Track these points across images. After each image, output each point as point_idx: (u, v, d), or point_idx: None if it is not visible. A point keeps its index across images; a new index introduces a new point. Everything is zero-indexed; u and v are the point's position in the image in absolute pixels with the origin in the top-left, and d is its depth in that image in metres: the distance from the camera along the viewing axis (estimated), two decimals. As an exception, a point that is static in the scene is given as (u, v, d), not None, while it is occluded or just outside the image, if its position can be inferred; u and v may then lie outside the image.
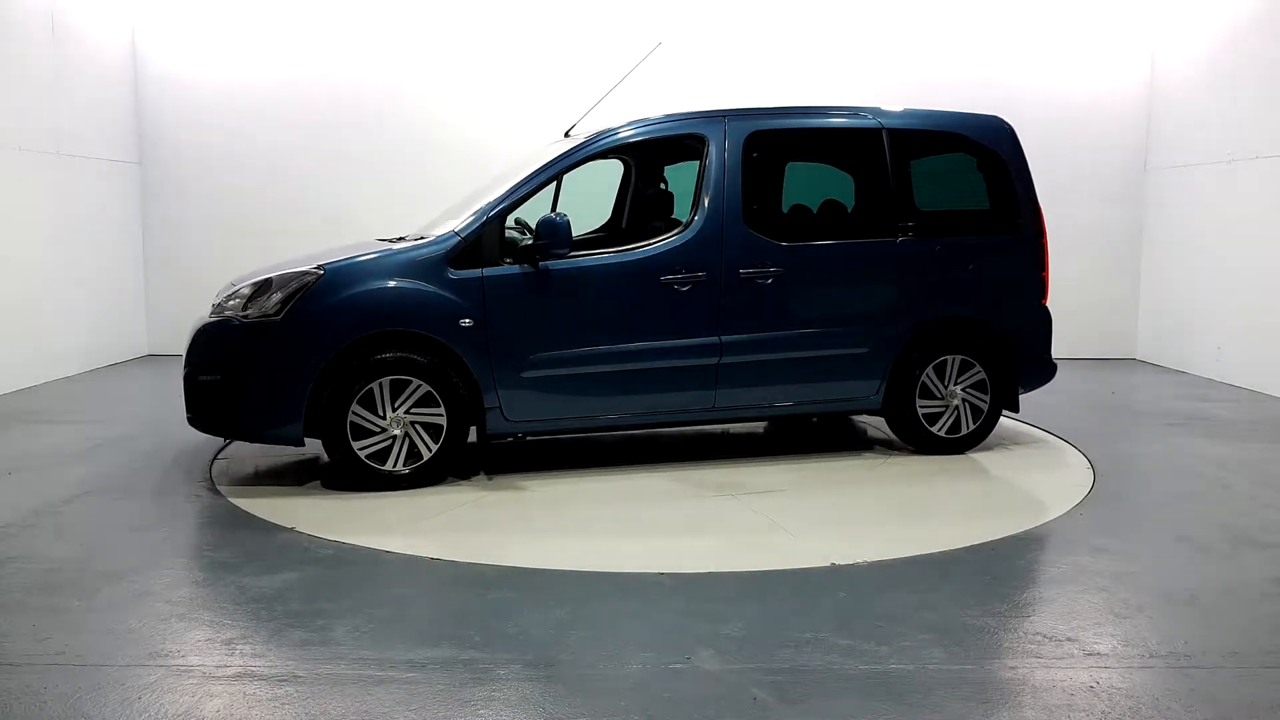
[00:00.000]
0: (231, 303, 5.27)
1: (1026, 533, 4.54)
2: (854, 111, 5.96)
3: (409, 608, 3.66)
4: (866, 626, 3.50)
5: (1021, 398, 6.06)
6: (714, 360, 5.48)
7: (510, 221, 5.48)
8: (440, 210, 6.04)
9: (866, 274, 5.81)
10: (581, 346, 5.36)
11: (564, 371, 5.34)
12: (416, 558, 4.17)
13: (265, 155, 9.86)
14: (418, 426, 5.20)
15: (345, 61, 9.80)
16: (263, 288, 5.22)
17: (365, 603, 3.68)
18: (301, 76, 9.79)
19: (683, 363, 5.45)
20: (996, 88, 9.13)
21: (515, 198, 5.35)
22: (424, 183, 9.44)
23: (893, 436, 6.08)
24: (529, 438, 5.84)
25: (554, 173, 5.48)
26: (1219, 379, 8.45)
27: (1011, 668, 3.19)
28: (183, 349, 5.33)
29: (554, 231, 5.20)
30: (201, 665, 3.17)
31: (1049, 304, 6.12)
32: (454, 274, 5.21)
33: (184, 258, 9.98)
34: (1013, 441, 6.14)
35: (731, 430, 6.59)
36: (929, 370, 5.80)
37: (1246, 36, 8.31)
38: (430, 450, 5.21)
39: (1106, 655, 3.26)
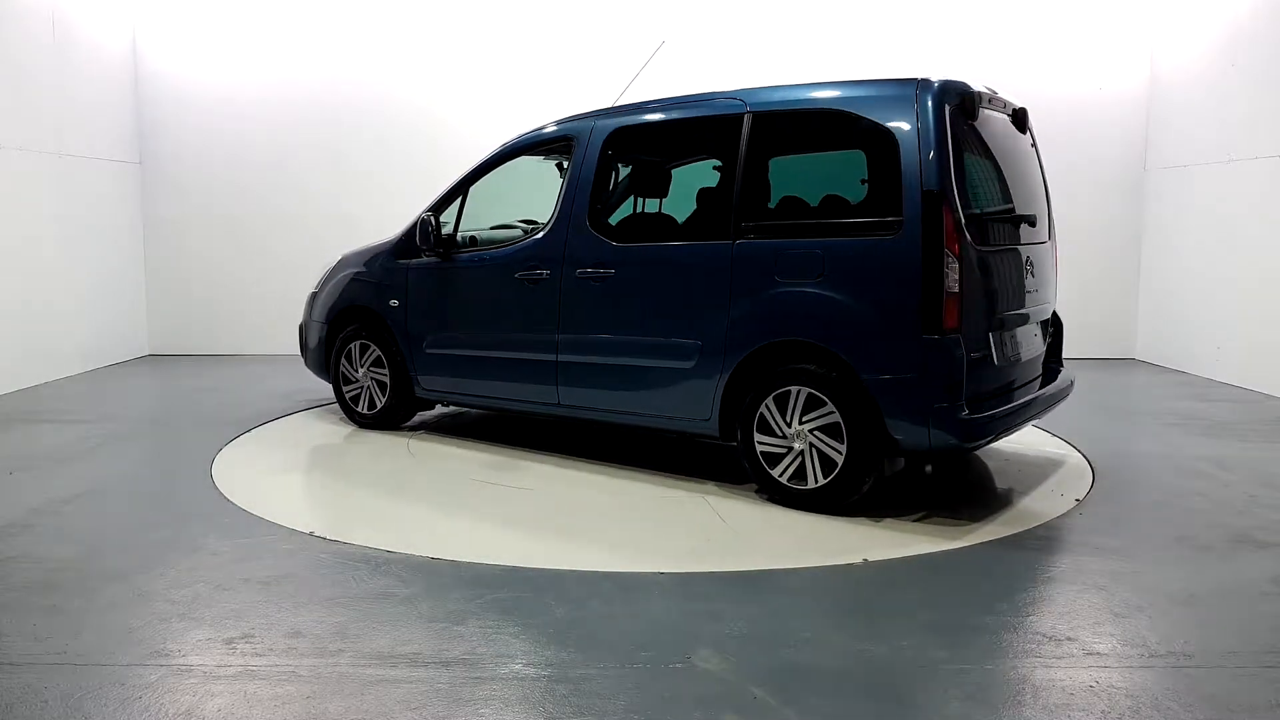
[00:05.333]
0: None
1: (1026, 533, 4.54)
2: (725, 97, 5.18)
3: (409, 607, 3.66)
4: (866, 626, 3.50)
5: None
6: (553, 357, 5.59)
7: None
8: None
9: (694, 280, 5.04)
10: (457, 332, 6.09)
11: (447, 352, 6.14)
12: (417, 557, 4.17)
13: (265, 155, 9.87)
14: (374, 382, 6.52)
15: (345, 62, 9.80)
16: None
17: (366, 602, 3.68)
18: (301, 77, 9.80)
19: (530, 356, 5.71)
20: (996, 87, 9.13)
21: (438, 200, 6.18)
22: (423, 182, 9.42)
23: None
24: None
25: (461, 182, 6.16)
26: (1219, 379, 8.45)
27: (1011, 667, 3.19)
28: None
29: (419, 230, 6.05)
30: (202, 665, 3.17)
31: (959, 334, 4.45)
32: (394, 263, 6.35)
33: (184, 258, 10.00)
34: (1011, 441, 6.12)
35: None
36: (769, 401, 4.79)
37: (1246, 37, 8.31)
38: (380, 402, 6.52)
39: (1106, 655, 3.26)
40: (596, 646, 3.31)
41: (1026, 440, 6.07)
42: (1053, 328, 5.55)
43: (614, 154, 5.59)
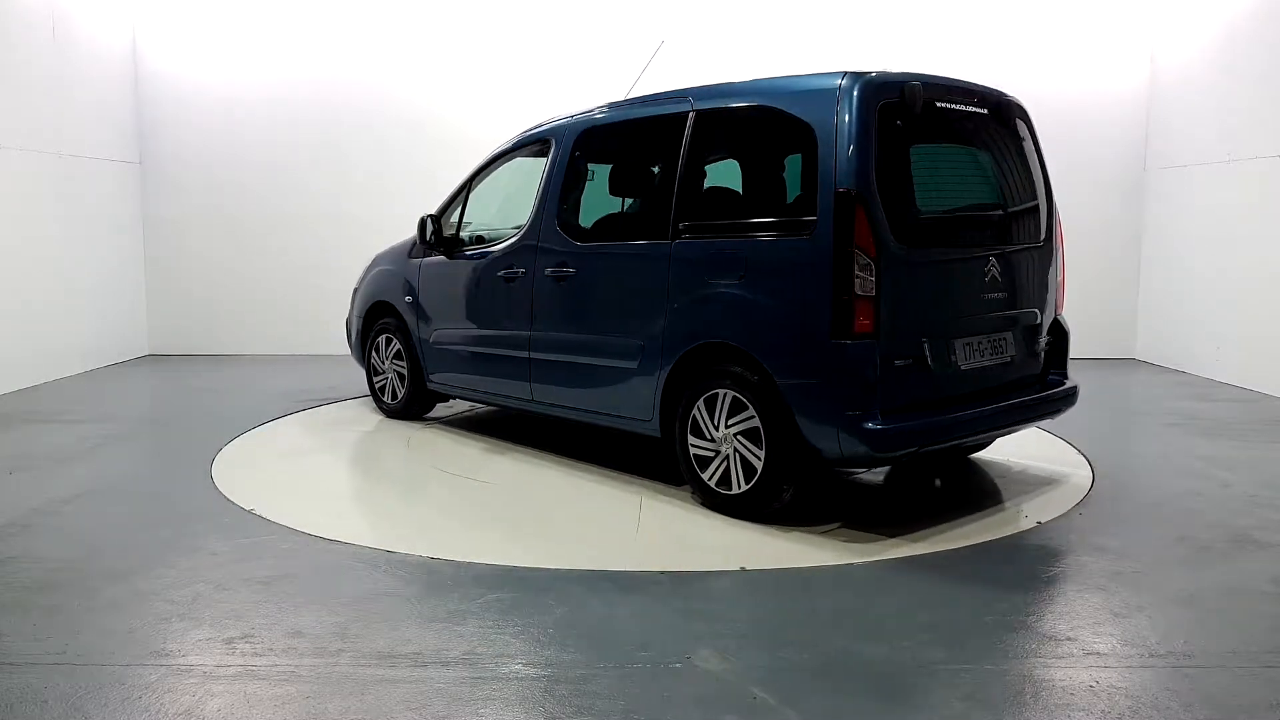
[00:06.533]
0: None
1: (1026, 533, 4.54)
2: (677, 96, 5.12)
3: (409, 607, 3.66)
4: (866, 626, 3.50)
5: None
6: (526, 354, 5.72)
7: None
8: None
9: (637, 280, 5.03)
10: (455, 327, 6.28)
11: (448, 347, 6.34)
12: (417, 557, 4.17)
13: (265, 155, 9.87)
14: (395, 374, 6.86)
15: (344, 61, 9.80)
16: None
17: (366, 602, 3.68)
18: (301, 77, 9.80)
19: (509, 353, 5.85)
20: (996, 87, 9.13)
21: (445, 203, 6.45)
22: (423, 182, 9.44)
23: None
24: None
25: (464, 183, 6.40)
26: (1219, 379, 8.45)
27: (1011, 667, 3.18)
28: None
29: (418, 229, 6.40)
30: (202, 665, 3.17)
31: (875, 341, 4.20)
32: (409, 261, 6.64)
33: (184, 258, 10.00)
34: (1012, 441, 6.12)
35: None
36: (700, 403, 4.71)
37: (1246, 36, 8.31)
38: (400, 392, 6.83)
39: (1106, 655, 3.26)
40: (596, 646, 3.31)
41: (1025, 440, 6.00)
42: (1051, 335, 5.17)
43: (581, 154, 5.64)
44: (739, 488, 4.61)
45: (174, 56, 9.84)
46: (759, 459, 4.50)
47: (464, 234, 6.39)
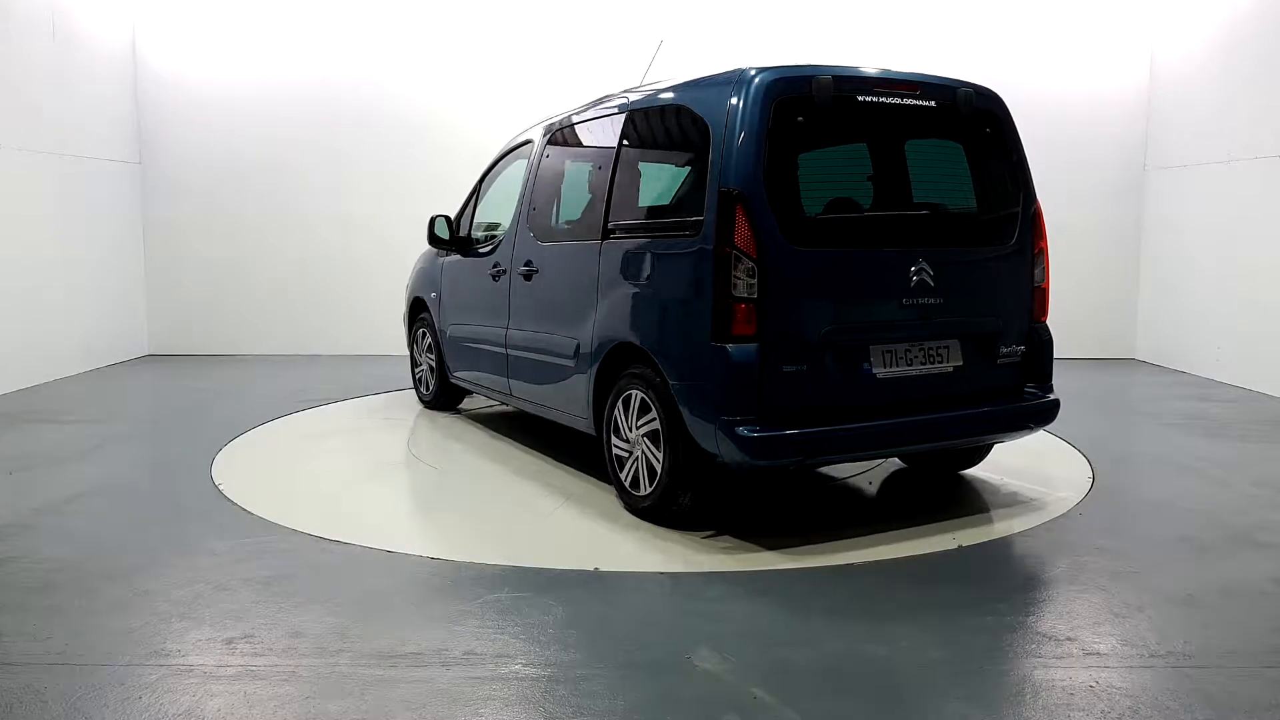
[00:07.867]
0: None
1: (1026, 533, 4.54)
2: (620, 96, 5.20)
3: (409, 607, 3.66)
4: (866, 626, 3.50)
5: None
6: (504, 350, 5.89)
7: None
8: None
9: (577, 280, 5.07)
10: (462, 323, 6.49)
11: (460, 342, 6.54)
12: (417, 557, 4.17)
13: (265, 155, 9.87)
14: (428, 366, 7.19)
15: (345, 61, 9.81)
16: None
17: (366, 602, 3.68)
18: (301, 76, 9.80)
19: (494, 348, 6.01)
20: (995, 87, 9.12)
21: (463, 204, 6.69)
22: (423, 182, 9.47)
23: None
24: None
25: (477, 181, 6.67)
26: (1219, 379, 8.45)
27: (1011, 668, 3.19)
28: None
29: (427, 229, 6.63)
30: (202, 665, 3.17)
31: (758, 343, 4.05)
32: (437, 260, 6.91)
33: (184, 258, 10.00)
34: (1011, 441, 6.09)
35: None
36: (620, 404, 4.68)
37: (1246, 36, 8.31)
38: (432, 384, 7.15)
39: (1106, 655, 3.26)
40: (596, 646, 3.31)
41: (1025, 440, 5.92)
42: (1026, 345, 4.78)
43: (551, 156, 5.73)
44: (645, 489, 4.56)
45: (174, 56, 9.84)
46: (659, 461, 4.45)
47: (475, 233, 6.52)
